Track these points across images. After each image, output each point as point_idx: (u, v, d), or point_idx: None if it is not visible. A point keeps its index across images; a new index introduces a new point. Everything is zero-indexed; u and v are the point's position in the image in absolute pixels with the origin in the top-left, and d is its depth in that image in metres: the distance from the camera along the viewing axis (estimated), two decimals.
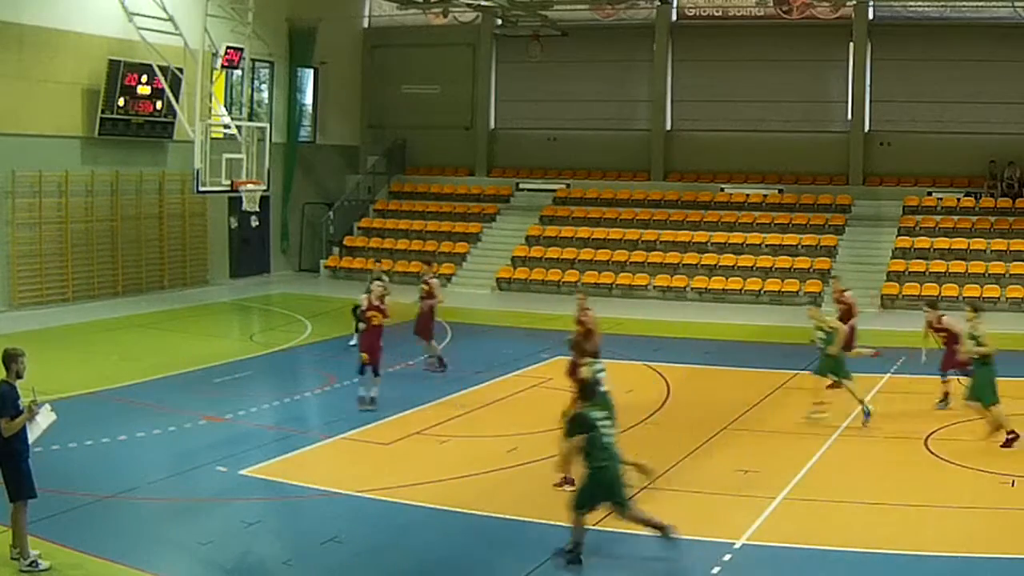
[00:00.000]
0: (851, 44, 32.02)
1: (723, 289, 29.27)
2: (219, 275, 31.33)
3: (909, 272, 28.39)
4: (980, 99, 30.67)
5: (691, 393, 17.81)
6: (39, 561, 9.70)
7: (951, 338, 15.85)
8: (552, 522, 11.25)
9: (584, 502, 10.20)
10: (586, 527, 10.28)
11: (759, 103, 32.87)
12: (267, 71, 33.09)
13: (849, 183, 32.19)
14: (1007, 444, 14.09)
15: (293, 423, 15.55)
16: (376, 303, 16.17)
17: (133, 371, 18.49)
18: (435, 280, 19.67)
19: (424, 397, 16.83)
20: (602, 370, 12.16)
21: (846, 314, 17.76)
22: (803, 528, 11.22)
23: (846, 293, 18.47)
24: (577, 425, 10.26)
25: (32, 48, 24.71)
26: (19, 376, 9.80)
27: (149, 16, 24.58)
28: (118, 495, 11.88)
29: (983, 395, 14.32)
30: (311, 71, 34.99)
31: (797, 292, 28.31)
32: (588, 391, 10.65)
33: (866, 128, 32.18)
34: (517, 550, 10.73)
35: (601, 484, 10.16)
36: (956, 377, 15.99)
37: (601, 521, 11.27)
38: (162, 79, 25.82)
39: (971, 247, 28.78)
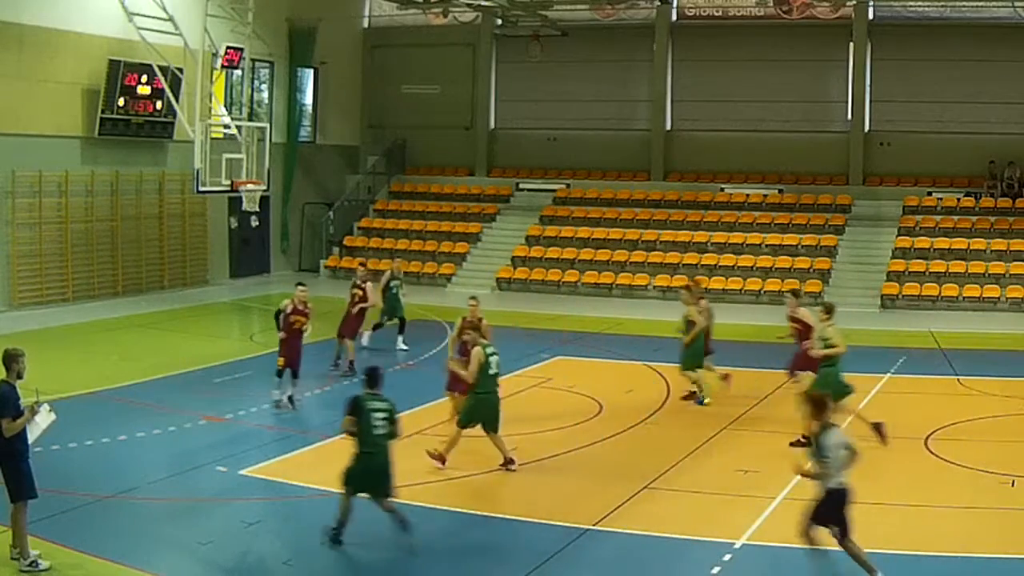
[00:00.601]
0: (851, 44, 32.02)
1: (723, 289, 29.21)
2: (219, 275, 31.32)
3: (909, 272, 28.38)
4: (980, 99, 30.67)
5: None
6: (39, 561, 9.70)
7: (804, 332, 15.28)
8: (553, 522, 11.28)
9: (351, 482, 10.58)
10: (352, 508, 10.52)
11: (759, 103, 32.86)
12: (267, 71, 33.09)
13: (849, 183, 32.18)
14: (796, 444, 13.55)
15: (293, 423, 15.54)
16: (300, 307, 16.24)
17: (133, 371, 18.49)
18: (370, 284, 19.62)
19: (424, 397, 16.80)
20: (494, 354, 13.14)
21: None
22: None
23: (701, 301, 17.61)
24: (348, 408, 10.68)
25: (32, 48, 24.70)
26: (19, 376, 9.79)
27: (149, 16, 24.61)
28: (118, 495, 11.89)
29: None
30: (311, 71, 34.98)
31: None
32: (372, 379, 10.90)
33: (866, 128, 32.17)
34: (517, 550, 10.73)
35: (367, 471, 10.53)
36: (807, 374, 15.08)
37: (600, 522, 11.30)
38: (162, 79, 25.82)
39: (971, 247, 28.77)
